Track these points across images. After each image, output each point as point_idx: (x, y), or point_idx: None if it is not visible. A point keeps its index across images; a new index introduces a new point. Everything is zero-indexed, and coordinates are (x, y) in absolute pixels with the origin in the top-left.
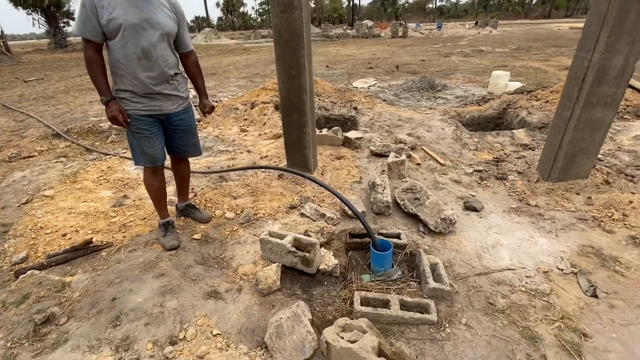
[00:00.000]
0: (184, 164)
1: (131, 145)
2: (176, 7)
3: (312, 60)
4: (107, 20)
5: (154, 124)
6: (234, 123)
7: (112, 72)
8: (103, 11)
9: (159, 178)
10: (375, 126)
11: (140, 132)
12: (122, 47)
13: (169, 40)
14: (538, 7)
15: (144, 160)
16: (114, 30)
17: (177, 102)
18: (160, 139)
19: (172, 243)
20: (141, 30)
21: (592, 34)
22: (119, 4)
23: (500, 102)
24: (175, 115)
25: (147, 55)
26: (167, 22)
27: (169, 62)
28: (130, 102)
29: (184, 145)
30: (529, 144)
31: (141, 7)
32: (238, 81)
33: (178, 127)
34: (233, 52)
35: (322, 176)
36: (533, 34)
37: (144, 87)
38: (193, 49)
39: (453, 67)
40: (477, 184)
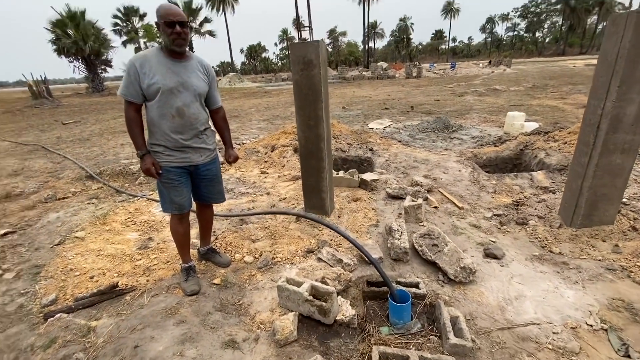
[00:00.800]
0: (209, 210)
1: (160, 193)
2: (208, 70)
3: (329, 110)
4: (148, 85)
5: (183, 174)
6: (255, 165)
7: (148, 128)
8: (145, 77)
9: (184, 224)
10: (391, 167)
11: (170, 182)
12: (159, 107)
13: (201, 100)
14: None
15: (171, 208)
16: (153, 93)
17: (205, 154)
18: (188, 188)
19: (192, 288)
20: (177, 92)
21: (602, 84)
22: (159, 70)
23: (517, 143)
24: (203, 166)
25: (180, 114)
26: (199, 84)
27: (200, 119)
28: (163, 155)
29: (210, 193)
30: (549, 187)
31: (178, 72)
32: (259, 123)
33: (205, 177)
34: (255, 95)
35: (338, 219)
36: (548, 71)
37: (175, 142)
38: (221, 105)
39: (468, 107)
40: (497, 229)
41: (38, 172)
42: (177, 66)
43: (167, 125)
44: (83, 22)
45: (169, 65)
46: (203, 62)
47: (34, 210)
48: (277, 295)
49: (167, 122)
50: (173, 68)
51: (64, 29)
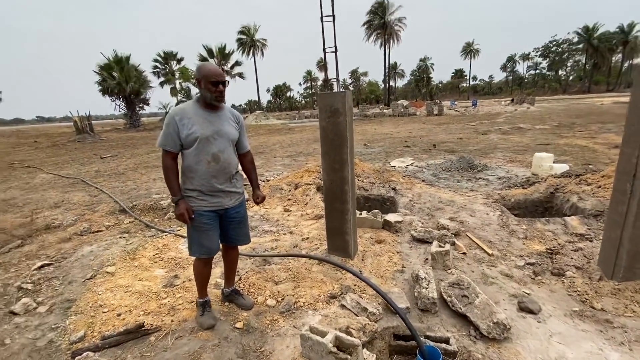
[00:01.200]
0: (234, 251)
1: (190, 237)
2: (238, 119)
3: (354, 155)
4: (187, 134)
5: (214, 218)
6: (279, 202)
7: (183, 174)
8: (184, 128)
9: (208, 267)
10: (415, 208)
11: (202, 226)
12: (196, 154)
13: (233, 146)
14: (576, 83)
15: (200, 251)
16: (191, 142)
17: (235, 197)
18: (217, 231)
19: (209, 322)
20: (212, 140)
21: (635, 132)
22: (196, 121)
23: (547, 186)
24: (233, 209)
25: (216, 159)
26: (232, 131)
27: (232, 164)
28: (197, 199)
29: (237, 235)
30: (584, 234)
31: (213, 122)
32: (283, 160)
33: (234, 220)
34: (279, 132)
35: (362, 262)
36: (574, 109)
37: (210, 186)
38: (250, 149)
39: (492, 146)
40: (531, 279)
41: (76, 204)
42: (212, 116)
43: (203, 171)
44: (127, 65)
45: (205, 116)
46: (233, 112)
47: (70, 242)
48: (300, 344)
49: (203, 168)
50: (209, 118)
51: (110, 71)
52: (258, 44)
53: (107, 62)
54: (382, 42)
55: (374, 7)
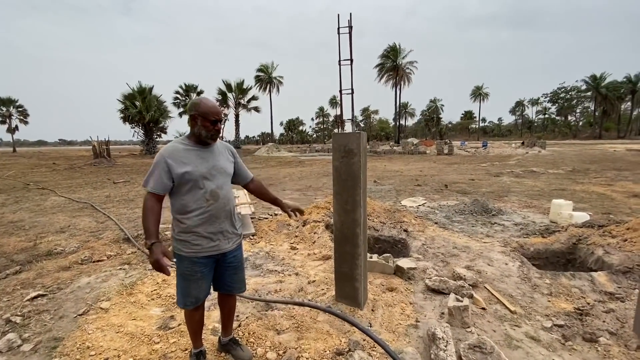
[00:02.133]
0: (231, 299)
1: (178, 286)
2: (232, 151)
3: (366, 196)
4: (181, 174)
5: (207, 265)
6: (285, 239)
7: (175, 218)
8: (177, 167)
9: (200, 313)
10: (428, 253)
11: (193, 275)
12: (192, 194)
13: (230, 180)
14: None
15: (188, 301)
16: (186, 181)
17: (233, 239)
18: (209, 279)
19: None
20: (209, 176)
21: None
22: (190, 159)
23: (568, 236)
24: (230, 253)
25: (214, 196)
26: (227, 165)
27: (231, 200)
28: (191, 244)
29: (232, 282)
30: (615, 293)
31: (207, 158)
32: (292, 193)
33: (231, 264)
34: (290, 164)
35: (372, 313)
36: (587, 155)
37: (208, 226)
38: (253, 176)
39: (505, 189)
40: (561, 344)
41: (82, 230)
42: (205, 152)
43: (202, 210)
44: (149, 95)
45: (198, 153)
46: (226, 145)
47: (69, 271)
48: None
49: (202, 207)
50: (202, 155)
51: (133, 101)
52: (275, 81)
53: (132, 92)
54: (394, 84)
55: (386, 51)
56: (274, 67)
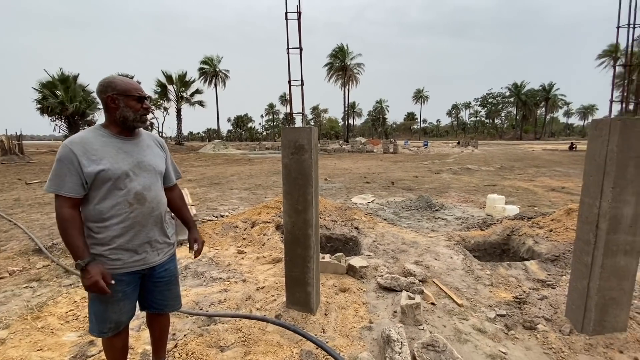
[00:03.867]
0: (163, 319)
1: (92, 309)
2: (162, 145)
3: (318, 195)
4: (94, 172)
5: (131, 283)
6: (232, 242)
7: (88, 226)
8: (89, 163)
9: (122, 337)
10: (379, 250)
11: (112, 296)
12: (110, 197)
13: (161, 180)
14: (510, 130)
15: (105, 328)
16: (102, 181)
17: (164, 250)
18: (133, 298)
19: None
20: (133, 175)
21: (594, 182)
22: (106, 153)
23: (503, 228)
24: (161, 266)
25: (140, 200)
26: (158, 161)
27: (162, 203)
28: (108, 259)
29: (165, 300)
30: (546, 280)
31: (131, 151)
32: (240, 192)
33: (162, 280)
34: (238, 162)
35: (325, 317)
36: (511, 154)
37: (132, 237)
38: (176, 182)
39: (446, 185)
40: (504, 334)
41: None
42: (128, 145)
43: (122, 218)
44: (74, 85)
45: (119, 145)
46: (156, 137)
47: None
48: None
49: (123, 214)
50: (124, 147)
51: (53, 90)
52: (221, 74)
53: (51, 79)
54: (342, 83)
55: (335, 51)
56: (219, 59)
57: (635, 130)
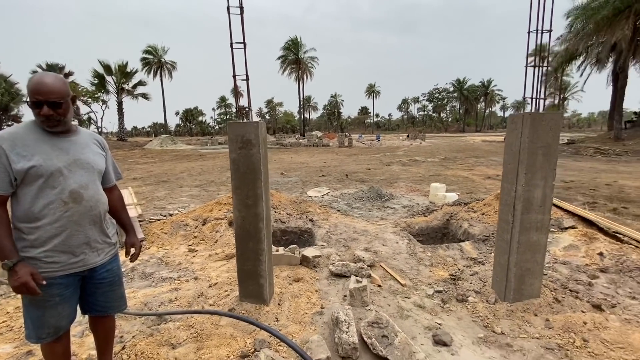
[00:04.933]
0: (108, 321)
1: (27, 314)
2: (103, 144)
3: (269, 189)
4: (24, 169)
5: (70, 286)
6: (182, 241)
7: (18, 227)
8: (18, 159)
9: (63, 342)
10: (332, 240)
11: (49, 300)
12: (42, 196)
13: (99, 179)
14: (454, 124)
15: (44, 333)
16: (33, 179)
17: (105, 250)
18: (73, 302)
19: None
20: (67, 172)
21: (511, 170)
22: (39, 149)
23: (443, 214)
24: (102, 267)
25: (76, 199)
26: (97, 160)
27: (101, 202)
28: (42, 262)
29: (108, 301)
30: (477, 258)
31: (66, 149)
32: (191, 190)
33: (104, 281)
34: (188, 158)
35: (279, 307)
36: (454, 145)
37: (67, 238)
38: (116, 183)
39: (395, 176)
40: (441, 308)
41: None
42: (64, 142)
43: (57, 217)
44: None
45: (53, 142)
46: (96, 137)
47: None
48: None
49: (57, 213)
50: (58, 144)
51: None
52: (166, 65)
53: None
54: (297, 77)
55: (288, 44)
56: (165, 50)
57: (543, 124)
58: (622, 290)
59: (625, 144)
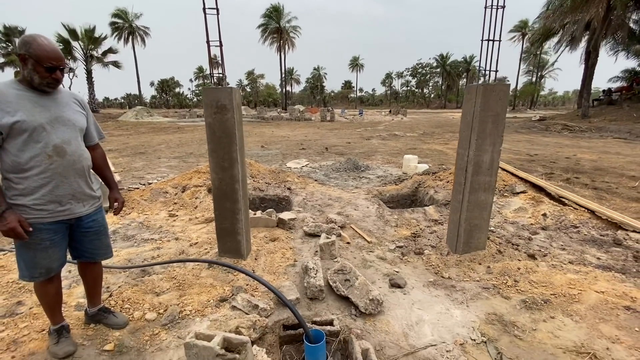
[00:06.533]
0: (96, 267)
1: (20, 256)
2: (83, 104)
3: (244, 152)
4: (9, 123)
5: (58, 232)
6: (162, 207)
7: (7, 177)
8: (2, 114)
9: (55, 283)
10: (308, 206)
11: (39, 243)
12: (28, 149)
13: (81, 136)
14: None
15: (36, 272)
16: (18, 133)
17: (89, 202)
18: (63, 246)
19: (67, 349)
20: (51, 129)
21: (465, 137)
22: (21, 105)
23: (412, 182)
24: (88, 217)
25: (60, 152)
26: (78, 117)
27: (84, 157)
28: (32, 209)
29: (94, 249)
30: (438, 219)
31: (48, 106)
32: (170, 161)
33: (90, 230)
34: (166, 131)
35: (255, 261)
36: (434, 121)
37: (54, 188)
38: (99, 142)
39: (373, 149)
40: (400, 259)
41: None
42: (45, 100)
43: (43, 169)
44: None
45: (35, 99)
46: (76, 96)
47: None
48: (185, 354)
49: (43, 165)
50: (41, 102)
51: None
52: (139, 32)
53: None
54: (278, 47)
55: (269, 11)
56: (137, 15)
57: (494, 94)
58: (555, 243)
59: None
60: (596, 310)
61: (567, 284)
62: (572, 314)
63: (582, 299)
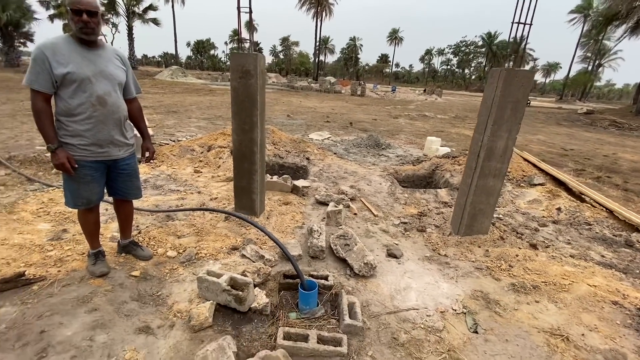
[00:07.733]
0: (128, 205)
1: (67, 187)
2: (124, 60)
3: (264, 117)
4: (62, 74)
5: (98, 170)
6: (189, 164)
7: (58, 121)
8: (58, 65)
9: (94, 213)
10: (323, 176)
11: (82, 177)
12: (77, 97)
13: (120, 90)
14: (476, 82)
15: (77, 202)
16: (69, 82)
17: (124, 148)
18: (101, 183)
19: (102, 270)
20: (95, 81)
21: (482, 122)
22: (72, 58)
23: (430, 164)
24: (122, 160)
25: (102, 102)
26: (118, 73)
27: (122, 108)
28: (78, 148)
29: (127, 189)
30: (448, 202)
31: (94, 60)
32: (199, 122)
33: (123, 172)
34: (198, 92)
35: (267, 220)
36: (470, 104)
37: (96, 132)
38: (136, 96)
39: (399, 128)
40: (402, 234)
41: None
42: (92, 54)
43: (88, 115)
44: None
45: (84, 54)
46: (118, 52)
47: None
48: (197, 287)
49: (88, 112)
50: (88, 56)
51: None
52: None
53: None
54: (315, 13)
55: None
56: None
57: (516, 80)
58: (562, 237)
59: None
60: (582, 300)
61: (561, 274)
62: (558, 301)
63: (571, 289)
